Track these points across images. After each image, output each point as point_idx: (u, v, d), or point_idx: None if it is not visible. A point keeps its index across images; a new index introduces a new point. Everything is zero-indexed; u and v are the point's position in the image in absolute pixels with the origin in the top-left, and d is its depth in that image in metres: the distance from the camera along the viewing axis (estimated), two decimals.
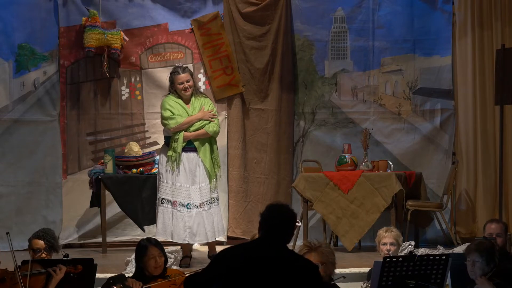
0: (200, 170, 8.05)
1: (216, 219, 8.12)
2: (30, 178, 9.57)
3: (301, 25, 9.97)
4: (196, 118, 8.08)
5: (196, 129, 8.08)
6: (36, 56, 9.60)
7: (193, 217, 7.99)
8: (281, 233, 4.83)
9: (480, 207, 9.68)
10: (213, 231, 8.08)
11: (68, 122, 9.66)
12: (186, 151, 8.05)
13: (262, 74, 9.84)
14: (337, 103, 10.02)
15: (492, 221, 7.09)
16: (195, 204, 8.00)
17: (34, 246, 6.33)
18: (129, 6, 9.78)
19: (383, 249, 6.80)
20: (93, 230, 9.54)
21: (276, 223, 4.83)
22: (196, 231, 8.01)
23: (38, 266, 5.58)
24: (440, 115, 9.92)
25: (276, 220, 4.83)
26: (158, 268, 6.00)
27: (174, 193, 8.01)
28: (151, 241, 6.11)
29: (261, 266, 4.68)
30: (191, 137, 8.04)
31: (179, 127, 8.03)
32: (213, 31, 9.80)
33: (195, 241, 8.11)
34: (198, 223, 8.01)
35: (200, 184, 8.04)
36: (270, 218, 4.86)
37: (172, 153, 8.00)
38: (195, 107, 8.14)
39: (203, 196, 8.05)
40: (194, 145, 8.07)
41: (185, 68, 8.22)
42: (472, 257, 5.95)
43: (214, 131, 8.12)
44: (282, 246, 4.82)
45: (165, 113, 8.08)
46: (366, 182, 8.82)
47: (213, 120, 8.13)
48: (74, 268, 5.58)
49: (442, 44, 9.95)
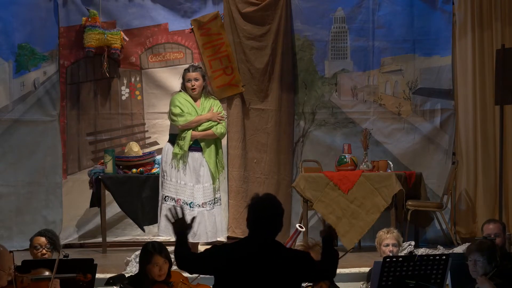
0: (205, 170, 8.06)
1: (218, 219, 8.13)
2: (30, 178, 9.57)
3: (301, 25, 9.97)
4: (205, 118, 8.09)
5: (204, 129, 8.09)
6: (36, 56, 9.60)
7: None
8: (270, 226, 4.72)
9: (480, 207, 9.69)
10: (214, 231, 8.09)
11: (68, 122, 9.66)
12: (191, 150, 8.07)
13: (262, 74, 9.84)
14: (337, 103, 10.02)
15: (489, 222, 7.09)
16: (197, 204, 8.01)
17: (36, 242, 6.35)
18: (129, 6, 9.78)
19: (386, 250, 6.79)
20: (93, 230, 9.54)
21: (264, 216, 4.71)
22: (197, 231, 8.01)
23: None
24: (440, 115, 9.93)
25: (263, 213, 4.71)
26: (162, 275, 5.96)
27: (178, 191, 8.03)
28: (155, 249, 5.98)
29: (255, 264, 4.63)
30: (198, 136, 8.05)
31: (187, 125, 8.04)
32: (213, 31, 9.81)
33: (195, 240, 8.11)
34: (199, 223, 8.02)
35: (203, 184, 8.06)
36: (256, 211, 4.73)
37: (178, 151, 8.00)
38: (204, 107, 8.15)
39: (206, 196, 8.06)
40: (200, 145, 8.08)
41: (197, 67, 8.26)
42: (474, 257, 5.95)
43: (221, 132, 8.14)
44: (272, 241, 4.72)
45: (175, 109, 8.08)
46: (366, 182, 8.82)
47: (221, 122, 8.14)
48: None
49: (442, 44, 9.95)
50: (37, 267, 5.54)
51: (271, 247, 4.70)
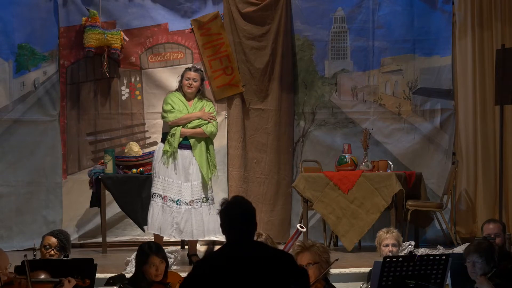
0: (194, 168, 8.05)
1: (206, 218, 8.08)
2: (30, 178, 9.57)
3: (301, 25, 9.98)
4: (195, 116, 8.09)
5: (193, 126, 8.08)
6: (36, 56, 9.60)
7: (181, 214, 7.98)
8: (244, 226, 4.60)
9: (480, 207, 9.69)
10: (202, 230, 8.04)
11: (68, 122, 9.67)
12: (181, 148, 8.06)
13: (262, 74, 9.85)
14: (337, 103, 10.02)
15: (489, 222, 7.08)
16: (185, 201, 8.00)
17: (46, 242, 6.39)
18: (129, 6, 9.78)
19: (385, 250, 6.79)
20: (93, 230, 9.54)
21: (236, 217, 4.59)
22: (183, 228, 8.00)
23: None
24: (440, 115, 9.93)
25: (234, 215, 4.59)
26: (158, 276, 5.95)
27: (166, 188, 8.02)
28: (152, 249, 5.97)
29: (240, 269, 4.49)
30: (187, 133, 8.05)
31: (177, 121, 8.05)
32: (213, 31, 9.81)
33: (181, 237, 8.09)
34: (186, 220, 8.00)
35: (192, 182, 8.04)
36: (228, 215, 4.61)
37: (168, 148, 8.01)
38: (196, 107, 8.16)
39: (194, 194, 8.05)
40: (190, 143, 8.07)
41: (198, 69, 8.26)
42: (472, 258, 5.95)
43: (211, 131, 8.12)
44: (251, 242, 4.62)
45: (166, 106, 8.11)
46: (366, 182, 8.82)
47: (211, 121, 8.13)
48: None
49: (442, 44, 9.95)
50: (37, 268, 5.53)
51: (252, 248, 4.60)
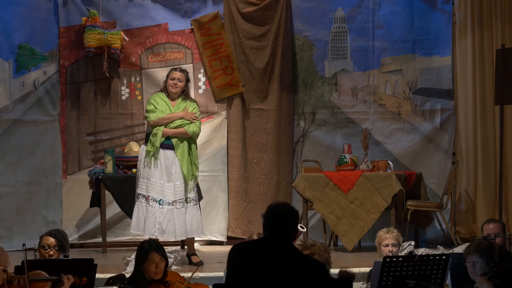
0: (176, 168, 8.03)
1: (189, 219, 8.06)
2: (30, 178, 9.57)
3: (301, 25, 9.97)
4: (177, 116, 8.08)
5: (176, 126, 8.07)
6: (36, 56, 9.60)
7: (164, 214, 7.97)
8: (284, 232, 4.80)
9: (480, 207, 9.69)
10: (184, 230, 8.02)
11: (68, 122, 9.66)
12: (164, 148, 8.05)
13: (262, 74, 9.85)
14: (337, 103, 10.02)
15: (489, 222, 7.09)
16: (167, 201, 7.99)
17: (45, 242, 6.39)
18: (129, 6, 9.78)
19: (385, 250, 6.79)
20: (93, 230, 9.54)
21: (278, 223, 4.80)
22: (166, 228, 7.99)
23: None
24: (440, 115, 9.93)
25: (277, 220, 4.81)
26: (158, 273, 5.95)
27: (149, 188, 8.02)
28: (152, 246, 6.00)
29: (267, 266, 4.66)
30: (170, 133, 8.03)
31: (158, 121, 8.04)
32: (213, 31, 9.81)
33: (163, 237, 8.08)
34: (168, 220, 7.99)
35: (175, 182, 8.03)
36: (271, 219, 4.83)
37: (150, 148, 8.01)
38: (179, 107, 8.14)
39: (177, 194, 8.03)
40: (172, 143, 8.06)
41: (184, 70, 8.24)
42: (472, 258, 5.95)
43: (194, 131, 8.10)
44: (287, 245, 4.79)
45: (148, 106, 8.12)
46: (366, 182, 8.82)
47: (194, 121, 8.12)
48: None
49: (442, 44, 9.95)
50: (36, 268, 5.53)
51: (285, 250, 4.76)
